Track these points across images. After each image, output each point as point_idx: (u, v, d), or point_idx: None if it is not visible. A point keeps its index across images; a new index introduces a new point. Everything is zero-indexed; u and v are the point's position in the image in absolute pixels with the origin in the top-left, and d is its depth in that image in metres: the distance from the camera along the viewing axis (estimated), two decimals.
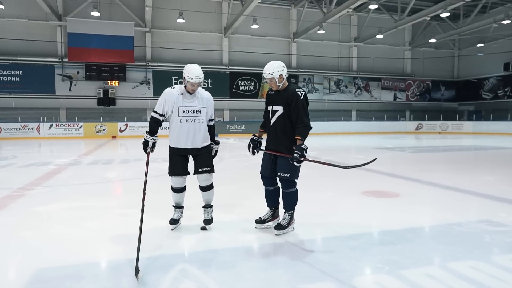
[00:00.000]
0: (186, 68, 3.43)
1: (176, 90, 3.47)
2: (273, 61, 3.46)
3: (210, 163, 3.61)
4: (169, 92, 3.46)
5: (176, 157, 3.52)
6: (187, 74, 3.38)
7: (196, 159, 3.57)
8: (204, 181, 3.59)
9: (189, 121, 3.46)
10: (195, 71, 3.37)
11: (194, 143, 3.50)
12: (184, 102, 3.45)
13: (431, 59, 26.04)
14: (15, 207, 4.55)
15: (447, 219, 3.95)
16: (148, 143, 3.41)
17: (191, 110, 3.47)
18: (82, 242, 3.26)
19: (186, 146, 3.48)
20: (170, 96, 3.43)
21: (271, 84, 3.40)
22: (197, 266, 2.74)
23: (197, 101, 3.51)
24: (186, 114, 3.45)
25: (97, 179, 6.79)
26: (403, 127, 24.39)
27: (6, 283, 2.49)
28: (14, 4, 18.37)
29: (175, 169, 3.52)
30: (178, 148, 3.50)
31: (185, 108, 3.45)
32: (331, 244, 3.21)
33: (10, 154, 11.10)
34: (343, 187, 5.71)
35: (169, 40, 20.65)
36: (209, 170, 3.58)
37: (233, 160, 9.56)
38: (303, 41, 23.19)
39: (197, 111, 3.49)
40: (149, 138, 3.41)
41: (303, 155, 3.19)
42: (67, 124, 18.59)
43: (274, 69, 3.34)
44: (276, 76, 3.34)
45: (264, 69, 3.40)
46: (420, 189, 5.77)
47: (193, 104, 3.48)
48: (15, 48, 18.63)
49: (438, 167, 8.43)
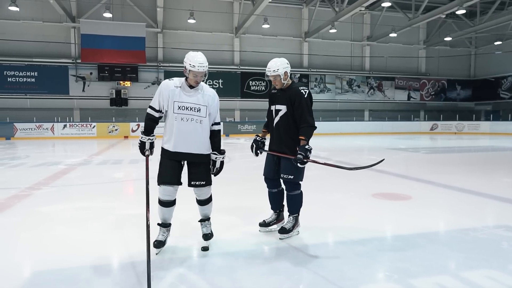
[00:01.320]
0: (187, 55, 2.94)
1: (173, 82, 2.97)
2: (276, 58, 3.32)
3: (205, 175, 3.02)
4: (165, 84, 2.97)
5: (167, 162, 2.96)
6: (189, 62, 2.88)
7: (190, 169, 3.02)
8: (201, 195, 3.07)
9: (185, 120, 2.92)
10: (198, 58, 2.89)
11: (189, 147, 2.95)
12: (181, 96, 2.92)
13: (447, 58, 25.47)
14: (20, 207, 4.53)
15: (462, 224, 3.75)
16: (144, 144, 2.94)
17: (188, 107, 2.92)
18: (81, 244, 3.19)
19: (179, 150, 2.94)
20: (165, 88, 2.93)
21: (275, 82, 3.27)
22: (195, 271, 2.63)
23: (197, 97, 2.96)
24: (182, 111, 2.91)
25: (104, 179, 6.77)
26: (418, 128, 23.90)
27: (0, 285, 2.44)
28: (29, 7, 18.66)
29: (164, 177, 2.94)
30: (169, 151, 2.96)
31: (182, 103, 2.92)
32: (337, 250, 3.07)
33: (24, 153, 11.23)
34: (352, 189, 5.53)
35: (180, 40, 20.69)
36: (202, 184, 3.01)
37: (243, 161, 9.45)
38: (315, 41, 22.95)
39: (195, 109, 2.93)
40: (145, 138, 2.94)
41: (307, 156, 3.05)
42: (80, 124, 18.79)
43: (279, 66, 3.21)
44: (281, 73, 3.21)
45: (268, 66, 3.25)
46: (434, 192, 5.55)
47: (191, 100, 2.94)
48: (30, 50, 18.93)
49: (453, 169, 8.16)
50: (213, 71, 21.16)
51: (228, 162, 9.18)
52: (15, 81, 18.93)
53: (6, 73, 18.75)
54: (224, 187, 5.96)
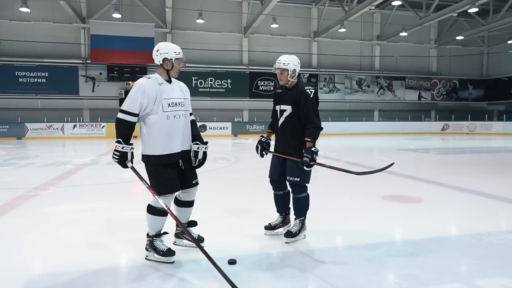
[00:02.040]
0: (163, 47, 2.76)
1: (154, 80, 2.73)
2: (289, 54, 3.24)
3: (196, 172, 2.96)
4: (147, 83, 2.67)
5: (164, 169, 2.72)
6: (173, 50, 2.73)
7: (185, 168, 2.87)
8: (192, 194, 2.97)
9: (177, 117, 2.76)
10: (176, 45, 2.80)
11: (183, 145, 2.83)
12: (167, 93, 2.74)
13: (458, 57, 25.04)
14: (26, 208, 4.52)
15: (475, 229, 3.62)
16: (126, 155, 2.63)
17: (176, 102, 2.77)
18: (82, 246, 3.15)
19: (176, 150, 2.79)
20: (151, 88, 2.66)
21: (281, 77, 3.16)
22: (198, 276, 2.56)
23: (178, 91, 2.84)
24: (172, 108, 2.73)
25: (111, 179, 6.75)
26: (428, 128, 23.54)
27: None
28: (40, 8, 18.84)
29: (172, 185, 2.73)
30: (169, 155, 2.75)
31: (170, 100, 2.73)
32: (344, 255, 2.97)
33: (33, 153, 11.33)
34: (361, 191, 5.40)
35: (189, 40, 20.69)
36: (197, 182, 2.95)
37: (251, 161, 9.39)
38: (324, 40, 22.76)
39: (181, 103, 2.81)
40: (127, 148, 2.63)
41: (313, 159, 2.95)
42: (90, 124, 18.92)
43: (290, 61, 3.13)
44: (290, 68, 3.12)
45: (279, 59, 3.16)
46: (445, 194, 5.40)
47: (176, 95, 2.79)
48: (41, 51, 19.11)
49: (465, 170, 7.96)
50: (221, 71, 21.14)
51: (236, 163, 9.12)
52: (26, 82, 19.14)
53: (18, 73, 18.96)
54: (231, 188, 5.91)
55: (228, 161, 9.21)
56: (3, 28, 18.70)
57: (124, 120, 2.64)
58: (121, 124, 2.65)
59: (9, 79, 18.80)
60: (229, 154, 10.89)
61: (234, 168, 8.17)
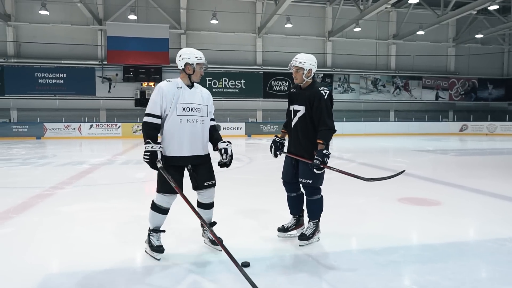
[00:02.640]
0: (185, 53, 2.85)
1: (173, 84, 2.83)
2: (307, 53, 3.19)
3: (213, 174, 3.00)
4: (166, 86, 2.79)
5: (169, 169, 2.78)
6: (194, 55, 2.82)
7: (198, 170, 2.92)
8: (209, 198, 3.02)
9: (191, 122, 2.83)
10: (198, 51, 2.89)
11: (194, 150, 2.87)
12: (184, 97, 2.82)
13: (478, 56, 24.44)
14: (42, 207, 4.59)
15: (497, 233, 3.49)
16: (156, 153, 2.68)
17: (192, 107, 2.84)
18: (97, 246, 3.16)
19: (185, 154, 2.84)
20: (168, 90, 2.77)
21: (296, 75, 3.11)
22: (209, 278, 2.53)
23: (198, 97, 2.91)
24: (187, 113, 2.81)
25: (126, 179, 6.81)
26: (446, 128, 23.05)
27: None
28: (58, 11, 19.22)
29: (169, 185, 2.75)
30: (177, 157, 2.82)
31: (186, 105, 2.81)
32: (359, 259, 2.89)
33: (51, 153, 11.56)
34: (377, 193, 5.29)
35: (203, 41, 20.79)
36: (214, 184, 3.00)
37: (265, 161, 9.35)
38: (339, 40, 22.54)
39: (198, 109, 2.87)
40: (156, 147, 2.70)
41: (324, 162, 2.89)
42: (106, 124, 19.20)
43: (306, 60, 3.08)
44: (306, 67, 3.06)
45: (296, 57, 3.12)
46: (465, 197, 5.25)
47: (194, 100, 2.87)
48: (59, 52, 19.51)
49: (485, 172, 7.73)
50: (235, 72, 21.16)
51: (250, 163, 9.09)
52: (45, 83, 19.56)
53: (37, 75, 19.39)
54: (245, 189, 5.89)
55: (241, 161, 9.18)
56: (23, 31, 19.17)
57: (148, 122, 2.78)
58: (146, 126, 2.79)
59: (29, 80, 19.24)
60: (243, 155, 10.87)
61: (247, 169, 8.15)
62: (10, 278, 2.56)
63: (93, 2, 19.19)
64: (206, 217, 3.04)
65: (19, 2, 18.81)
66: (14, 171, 7.86)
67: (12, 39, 18.90)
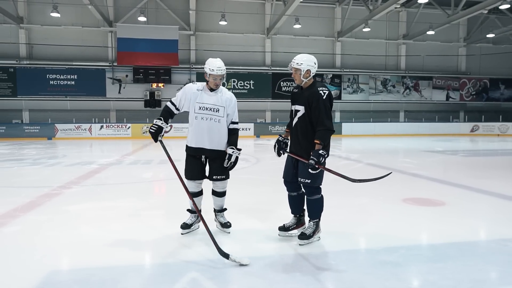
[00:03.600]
0: (207, 62, 3.32)
1: (196, 86, 3.38)
2: (306, 54, 3.21)
3: (225, 169, 3.38)
4: (189, 87, 3.37)
5: (191, 159, 3.39)
6: (208, 67, 3.26)
7: (211, 164, 3.41)
8: (221, 188, 3.46)
9: (205, 119, 3.29)
10: (216, 62, 3.27)
11: (207, 143, 3.32)
12: (202, 98, 3.31)
13: (489, 56, 24.06)
14: (49, 206, 4.68)
15: (500, 234, 3.45)
16: (161, 129, 3.25)
17: (208, 107, 3.30)
18: (101, 245, 3.22)
19: (201, 146, 3.32)
20: (189, 91, 3.33)
21: (295, 76, 3.15)
22: (209, 276, 2.57)
23: (216, 98, 3.34)
24: (202, 111, 3.29)
25: (133, 179, 6.90)
26: (457, 129, 22.74)
27: (16, 283, 2.48)
28: (69, 13, 19.54)
29: (189, 172, 3.38)
30: (192, 148, 3.35)
31: (202, 104, 3.30)
32: (359, 258, 2.90)
33: (62, 153, 11.75)
34: (381, 193, 5.27)
35: (212, 42, 20.91)
36: (223, 178, 3.41)
37: (273, 162, 9.36)
38: (348, 40, 22.43)
39: (214, 109, 3.30)
40: (164, 124, 3.26)
41: (319, 162, 2.90)
42: (116, 125, 19.44)
43: (304, 61, 3.10)
44: (303, 68, 3.08)
45: (295, 57, 3.17)
46: (471, 198, 5.19)
47: (210, 101, 3.31)
48: (70, 54, 19.82)
49: (494, 173, 7.61)
50: (244, 73, 21.22)
51: (256, 163, 9.12)
52: (56, 84, 19.88)
53: (49, 76, 19.73)
54: (249, 188, 5.92)
55: (248, 161, 9.22)
56: (35, 33, 19.54)
57: (166, 105, 3.40)
58: (164, 108, 3.40)
59: (41, 81, 19.59)
60: (250, 155, 10.91)
61: (253, 169, 8.18)
62: (16, 274, 2.63)
63: (104, 4, 19.47)
64: (218, 204, 3.51)
65: (31, 4, 19.16)
66: (24, 170, 8.03)
67: (24, 41, 19.27)
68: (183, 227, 3.42)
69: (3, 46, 19.04)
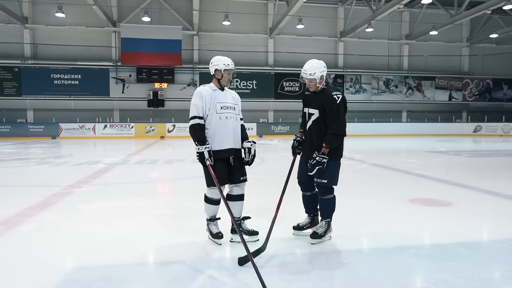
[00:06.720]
0: (215, 59, 3.21)
1: (209, 87, 3.21)
2: (313, 59, 3.24)
3: (245, 169, 3.32)
4: (204, 90, 3.16)
5: (219, 164, 3.10)
6: (222, 62, 3.17)
7: (235, 164, 3.21)
8: (243, 189, 3.31)
9: (228, 118, 3.17)
10: (226, 58, 3.23)
11: (233, 143, 3.20)
12: (220, 97, 3.19)
13: (492, 56, 24.09)
14: (62, 204, 4.76)
15: (508, 234, 3.52)
16: (203, 154, 3.01)
17: (228, 106, 3.21)
18: (117, 243, 3.30)
19: (232, 146, 3.18)
20: (205, 94, 3.13)
21: (310, 85, 3.20)
22: (226, 274, 2.64)
23: (230, 97, 3.28)
24: (225, 111, 3.17)
25: (140, 178, 6.98)
26: (459, 129, 22.78)
27: (40, 280, 2.56)
28: (74, 13, 19.64)
29: (222, 178, 3.07)
30: (223, 150, 3.13)
31: (223, 104, 3.18)
32: (370, 257, 2.96)
33: (67, 152, 11.83)
34: (388, 194, 5.33)
35: (215, 42, 20.99)
36: (246, 179, 3.30)
37: (277, 162, 9.42)
38: (351, 40, 22.48)
39: (232, 107, 3.24)
40: (202, 148, 3.01)
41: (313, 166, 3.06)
42: (119, 124, 19.53)
43: (316, 70, 3.12)
44: (317, 77, 3.13)
45: (304, 68, 3.17)
46: (477, 198, 5.25)
47: (228, 99, 3.23)
48: (74, 54, 19.92)
49: (498, 174, 7.67)
50: (247, 73, 21.28)
51: (261, 164, 9.18)
52: (60, 84, 19.99)
53: (53, 76, 19.84)
54: (257, 189, 5.97)
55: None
56: (40, 33, 19.64)
57: (194, 125, 3.10)
58: (193, 128, 3.11)
59: (45, 81, 19.69)
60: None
61: (258, 169, 8.23)
62: (34, 272, 2.71)
63: (108, 4, 19.55)
64: (238, 209, 3.30)
65: (36, 5, 19.26)
66: (32, 170, 8.11)
67: (29, 41, 19.37)
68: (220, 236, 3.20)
69: (8, 46, 19.14)
